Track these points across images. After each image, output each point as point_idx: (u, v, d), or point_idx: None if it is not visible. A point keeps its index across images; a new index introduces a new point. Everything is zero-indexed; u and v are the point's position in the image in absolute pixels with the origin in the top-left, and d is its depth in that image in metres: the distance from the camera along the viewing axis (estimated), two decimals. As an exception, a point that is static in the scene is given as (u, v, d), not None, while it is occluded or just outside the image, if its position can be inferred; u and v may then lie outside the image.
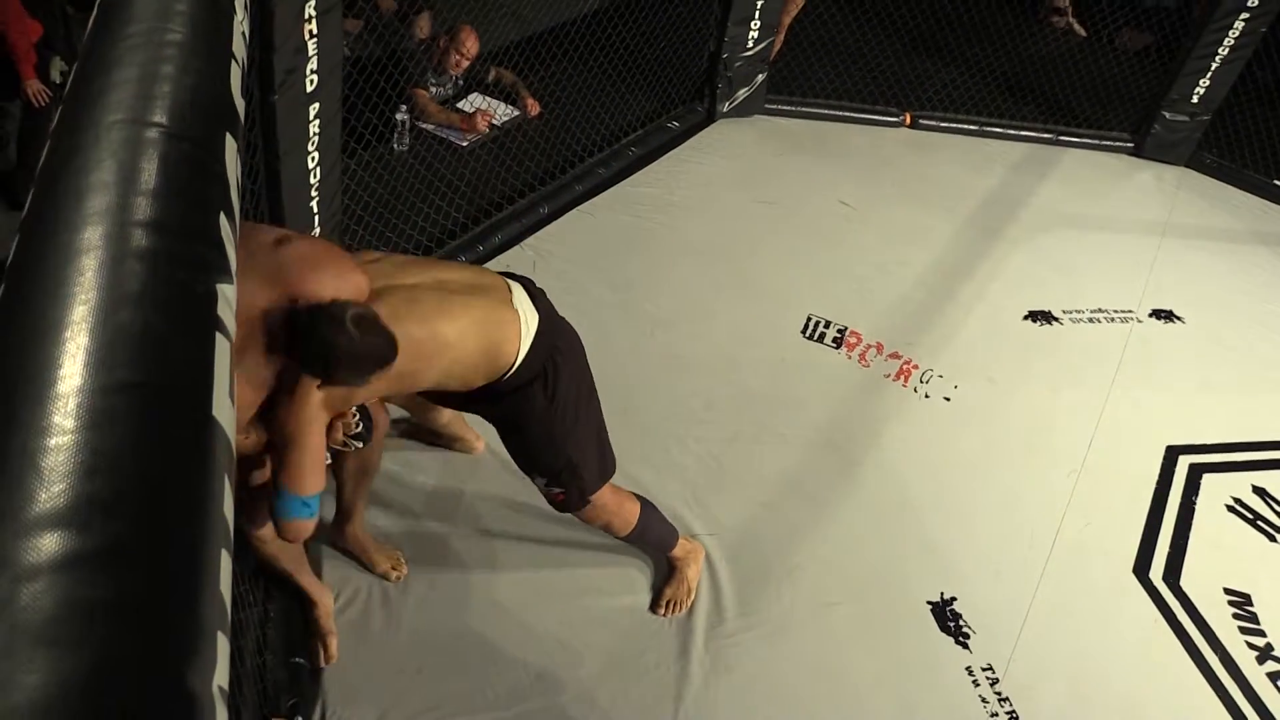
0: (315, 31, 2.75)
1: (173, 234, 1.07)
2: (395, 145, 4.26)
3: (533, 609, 2.67)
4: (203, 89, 1.32)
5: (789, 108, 5.24)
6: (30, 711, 0.65)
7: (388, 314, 1.94)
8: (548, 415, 2.24)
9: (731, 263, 4.10)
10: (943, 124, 5.41)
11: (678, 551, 2.76)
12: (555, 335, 2.25)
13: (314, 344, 1.84)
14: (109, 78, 1.26)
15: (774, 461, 3.22)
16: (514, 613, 2.66)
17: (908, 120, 5.38)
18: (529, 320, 2.19)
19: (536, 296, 2.28)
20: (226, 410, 1.01)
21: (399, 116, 4.23)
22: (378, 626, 2.58)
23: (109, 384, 0.89)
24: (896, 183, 4.85)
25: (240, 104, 1.49)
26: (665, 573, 2.79)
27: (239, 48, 1.57)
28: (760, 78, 5.09)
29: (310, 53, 2.80)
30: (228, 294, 1.12)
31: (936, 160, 5.12)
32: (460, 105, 4.60)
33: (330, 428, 2.04)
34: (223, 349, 1.05)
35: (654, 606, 2.73)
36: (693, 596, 2.76)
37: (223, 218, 1.19)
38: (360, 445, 2.15)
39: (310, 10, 2.73)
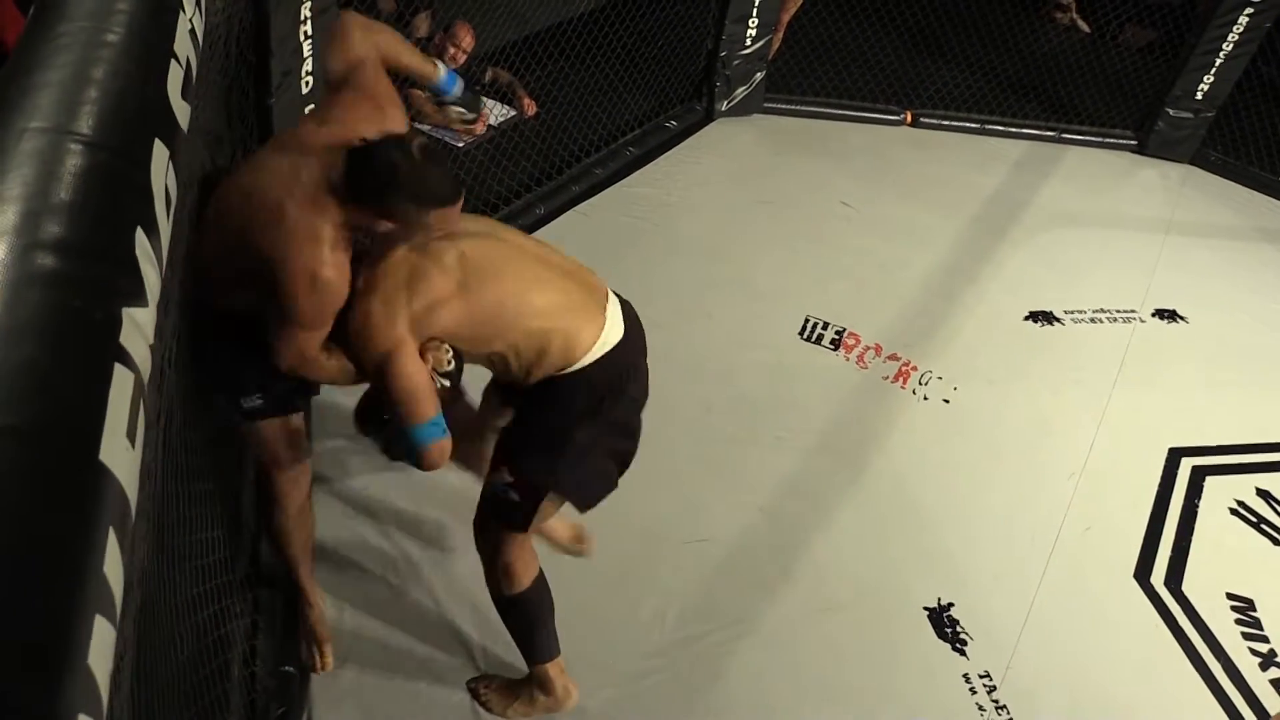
0: (311, 33, 2.73)
1: (76, 255, 0.97)
2: (390, 146, 4.24)
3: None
4: (132, 93, 1.22)
5: (788, 106, 5.21)
6: None
7: (485, 261, 1.93)
8: (578, 424, 2.06)
9: (729, 263, 4.07)
10: (944, 122, 5.38)
11: (552, 673, 2.36)
12: (631, 361, 2.10)
13: (375, 163, 1.76)
14: (31, 80, 1.19)
15: (771, 465, 3.19)
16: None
17: (909, 119, 5.35)
18: (612, 333, 2.05)
19: (631, 319, 2.13)
20: (122, 453, 0.91)
21: (394, 117, 4.21)
22: (369, 634, 2.56)
23: (-17, 427, 0.78)
24: (897, 182, 4.82)
25: (182, 108, 1.40)
26: (520, 678, 2.44)
27: (184, 47, 1.48)
28: (759, 76, 5.06)
29: (306, 54, 2.78)
30: (138, 318, 1.01)
31: (938, 159, 5.09)
32: (456, 105, 4.58)
33: (421, 357, 1.94)
34: (124, 381, 0.94)
35: (480, 697, 2.42)
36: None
37: (140, 234, 1.10)
38: (448, 384, 2.00)
39: (306, 11, 2.71)
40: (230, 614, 2.33)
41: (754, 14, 4.81)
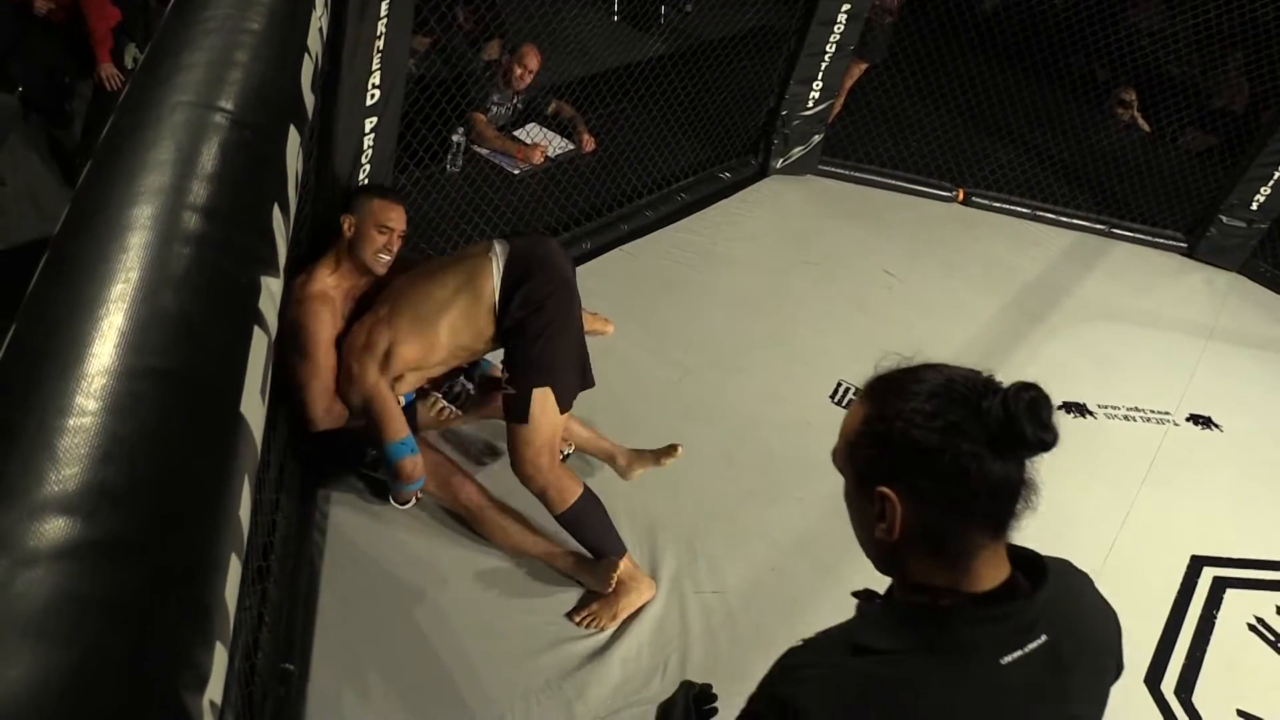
0: (383, 48, 2.79)
1: (223, 220, 1.03)
2: (449, 166, 4.30)
3: (524, 635, 2.64)
4: (271, 79, 1.29)
5: (843, 171, 5.26)
6: (5, 706, 0.61)
7: (404, 300, 2.76)
8: (522, 325, 2.66)
9: (768, 319, 4.09)
10: (995, 203, 5.40)
11: (622, 571, 2.74)
12: (526, 256, 2.71)
13: None
14: (179, 60, 1.24)
15: (787, 524, 3.18)
16: (507, 638, 2.63)
17: (960, 196, 5.38)
18: (499, 262, 2.71)
19: (516, 235, 2.83)
20: (257, 408, 0.97)
21: (455, 138, 4.28)
22: (365, 639, 2.56)
23: (137, 368, 0.84)
24: (943, 257, 4.83)
25: (310, 99, 1.47)
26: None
27: (314, 42, 1.56)
28: (817, 138, 5.11)
29: (375, 66, 2.84)
30: (272, 288, 1.07)
31: (985, 239, 5.11)
32: (517, 134, 4.65)
33: (425, 402, 2.96)
34: (260, 344, 1.00)
35: (573, 612, 2.75)
36: (616, 622, 2.73)
37: (276, 210, 1.16)
38: (460, 414, 3.00)
39: (381, 27, 2.77)
40: (241, 604, 2.34)
41: (819, 77, 4.87)
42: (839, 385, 3.82)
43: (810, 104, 4.96)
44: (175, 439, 0.84)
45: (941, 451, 1.00)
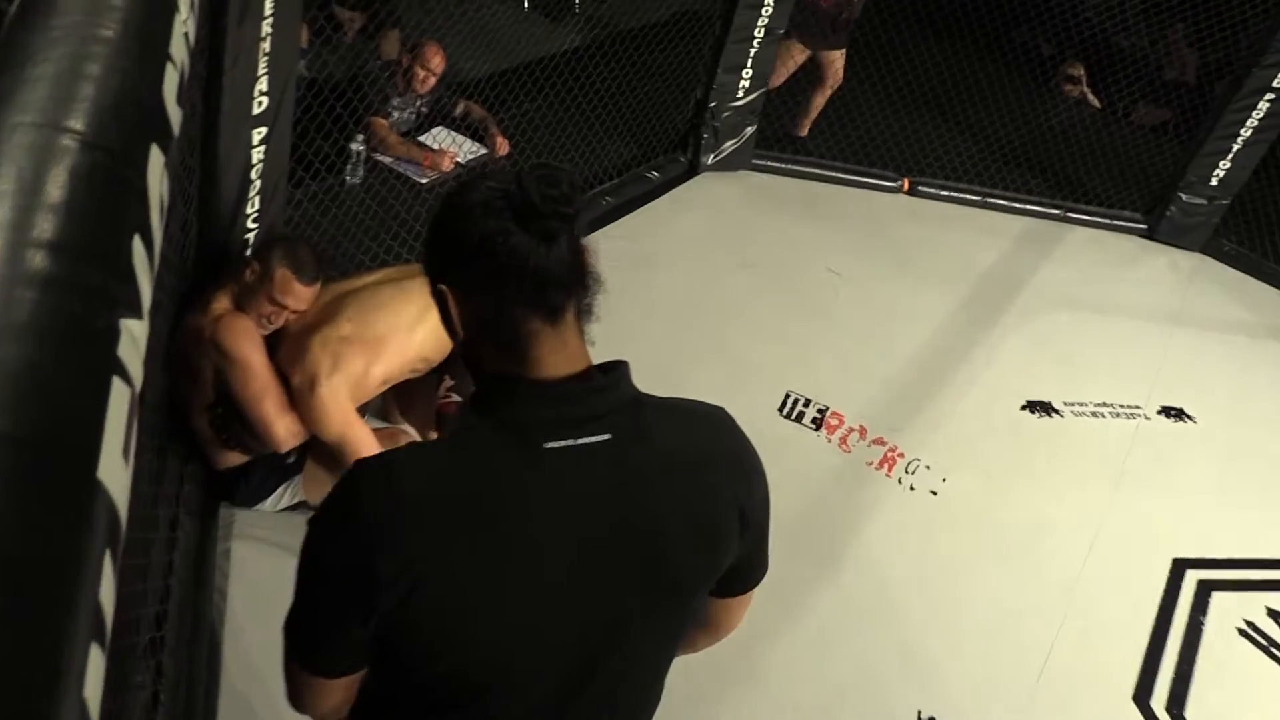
0: (269, 50, 2.69)
1: (72, 257, 0.99)
2: (348, 177, 4.20)
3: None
4: (128, 93, 1.24)
5: (779, 164, 5.24)
6: None
7: (366, 314, 2.77)
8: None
9: (707, 329, 4.04)
10: (943, 192, 5.42)
11: None
12: None
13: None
14: (22, 73, 1.19)
15: (741, 552, 3.13)
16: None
17: (906, 186, 5.39)
18: None
19: None
20: (119, 471, 0.92)
21: (354, 146, 4.17)
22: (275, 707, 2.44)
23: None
24: (890, 253, 4.83)
25: (175, 114, 1.42)
26: None
27: (179, 50, 1.50)
28: (749, 130, 5.08)
29: (261, 71, 2.74)
30: (134, 331, 1.03)
31: (935, 231, 5.12)
32: (423, 139, 4.55)
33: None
34: (121, 397, 0.96)
35: None
36: None
37: (137, 242, 1.11)
38: None
39: (266, 28, 2.68)
40: (129, 682, 2.22)
41: (749, 65, 4.85)
42: (787, 397, 3.78)
43: (740, 94, 4.94)
44: (14, 516, 0.79)
45: (472, 233, 1.12)
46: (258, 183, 2.93)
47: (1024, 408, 4.02)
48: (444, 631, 1.11)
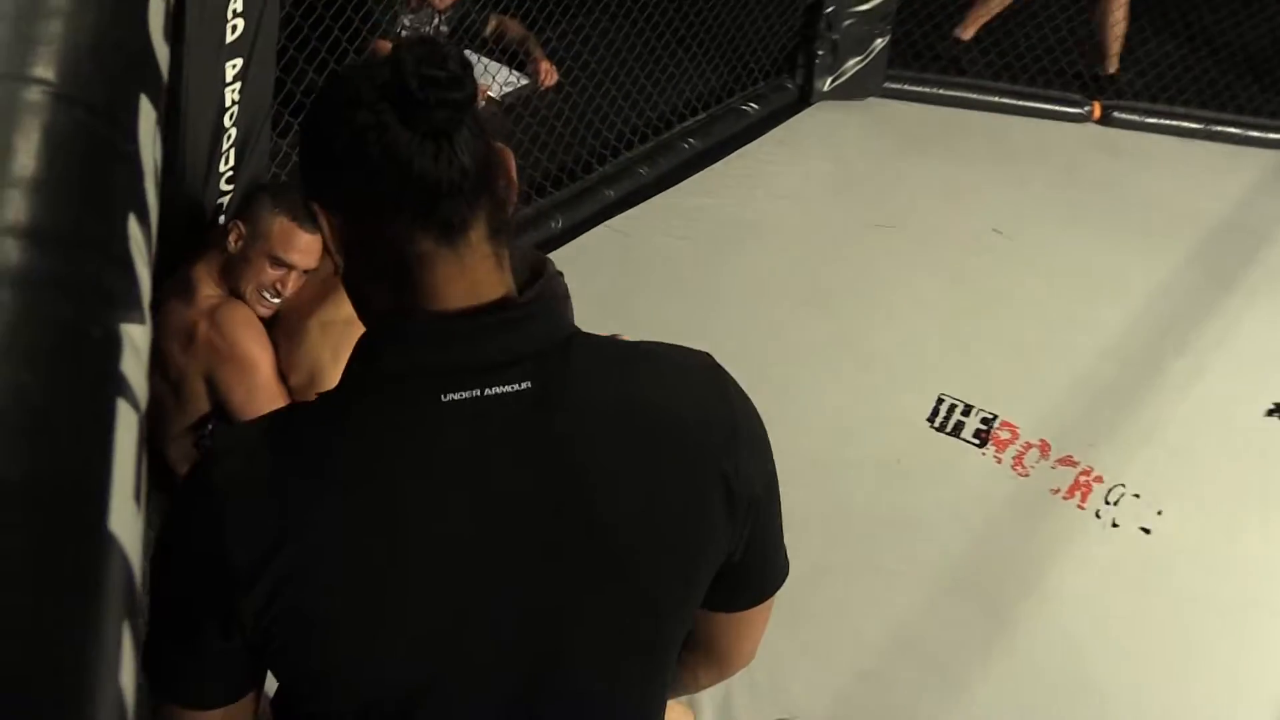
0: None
1: (58, 246, 1.01)
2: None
3: None
4: (107, 30, 1.27)
5: (920, 88, 5.29)
6: None
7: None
8: None
9: (828, 314, 4.11)
10: (1149, 119, 5.42)
11: None
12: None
13: None
14: None
15: (880, 611, 3.19)
16: None
17: (1096, 112, 5.40)
18: None
19: None
20: (130, 519, 0.94)
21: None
22: None
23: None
24: (1076, 203, 4.85)
25: (164, 54, 1.46)
26: None
27: None
28: (880, 43, 5.13)
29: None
30: (135, 339, 1.05)
31: (1138, 171, 5.12)
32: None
33: None
34: (128, 425, 0.98)
35: None
36: None
37: (133, 222, 1.13)
38: None
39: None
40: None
41: (876, -46, 4.91)
42: (940, 402, 3.84)
43: (867, -6, 5.00)
44: (22, 583, 0.82)
45: (339, 133, 1.15)
46: (233, 131, 3.02)
47: (1272, 412, 4.02)
48: (325, 645, 1.15)
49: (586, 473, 1.19)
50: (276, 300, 2.82)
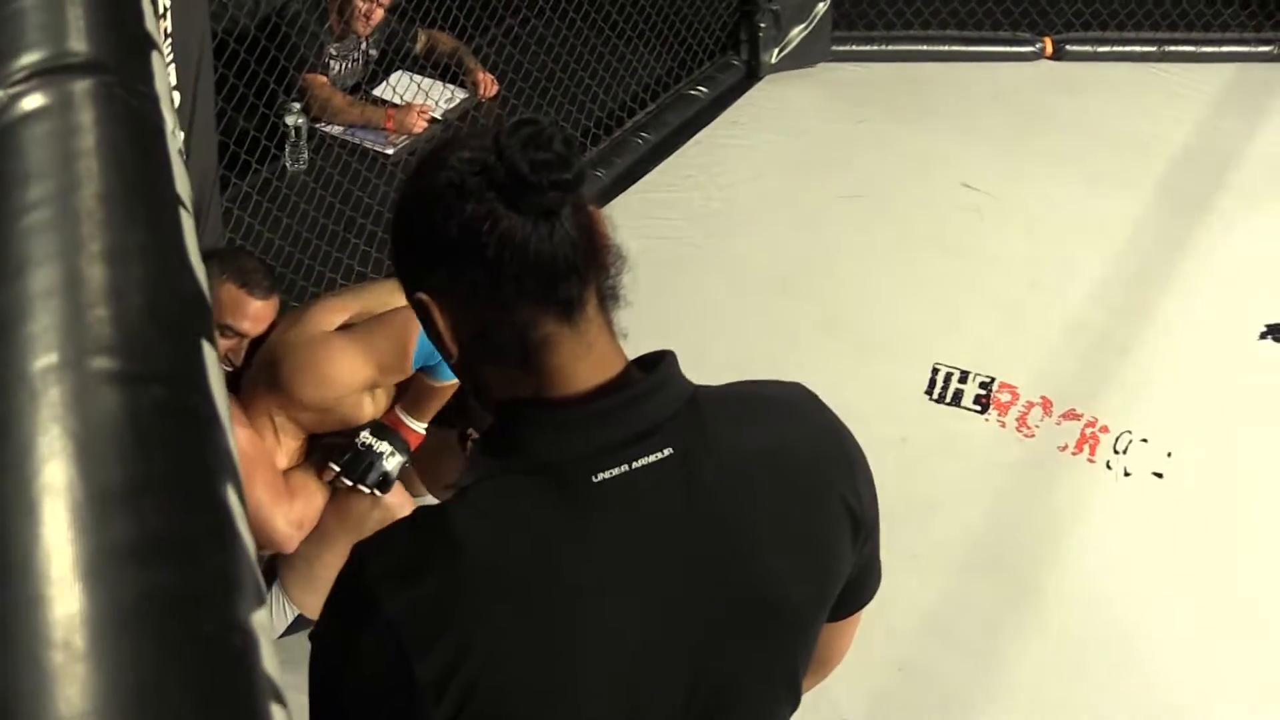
0: (171, 30, 2.77)
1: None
2: (288, 164, 4.29)
3: None
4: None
5: (867, 47, 5.28)
6: None
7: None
8: None
9: (809, 295, 4.10)
10: (1100, 49, 5.44)
11: None
12: None
13: None
14: None
15: (908, 599, 3.18)
16: None
17: (1048, 48, 5.41)
18: None
19: None
20: (261, 614, 0.92)
21: (289, 120, 4.26)
22: None
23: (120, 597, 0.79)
24: (1041, 147, 4.86)
25: (156, 26, 1.42)
26: None
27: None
28: (821, 7, 5.12)
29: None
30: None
31: (1098, 104, 5.14)
32: (378, 93, 4.63)
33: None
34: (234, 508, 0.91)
35: None
36: None
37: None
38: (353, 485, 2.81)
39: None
40: None
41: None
42: (935, 372, 3.84)
43: (802, -41, 4.99)
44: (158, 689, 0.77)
45: (448, 224, 1.16)
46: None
47: (1265, 334, 4.04)
48: None
49: (739, 527, 1.23)
50: (229, 369, 2.80)
